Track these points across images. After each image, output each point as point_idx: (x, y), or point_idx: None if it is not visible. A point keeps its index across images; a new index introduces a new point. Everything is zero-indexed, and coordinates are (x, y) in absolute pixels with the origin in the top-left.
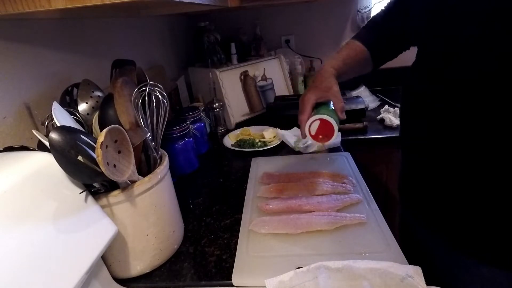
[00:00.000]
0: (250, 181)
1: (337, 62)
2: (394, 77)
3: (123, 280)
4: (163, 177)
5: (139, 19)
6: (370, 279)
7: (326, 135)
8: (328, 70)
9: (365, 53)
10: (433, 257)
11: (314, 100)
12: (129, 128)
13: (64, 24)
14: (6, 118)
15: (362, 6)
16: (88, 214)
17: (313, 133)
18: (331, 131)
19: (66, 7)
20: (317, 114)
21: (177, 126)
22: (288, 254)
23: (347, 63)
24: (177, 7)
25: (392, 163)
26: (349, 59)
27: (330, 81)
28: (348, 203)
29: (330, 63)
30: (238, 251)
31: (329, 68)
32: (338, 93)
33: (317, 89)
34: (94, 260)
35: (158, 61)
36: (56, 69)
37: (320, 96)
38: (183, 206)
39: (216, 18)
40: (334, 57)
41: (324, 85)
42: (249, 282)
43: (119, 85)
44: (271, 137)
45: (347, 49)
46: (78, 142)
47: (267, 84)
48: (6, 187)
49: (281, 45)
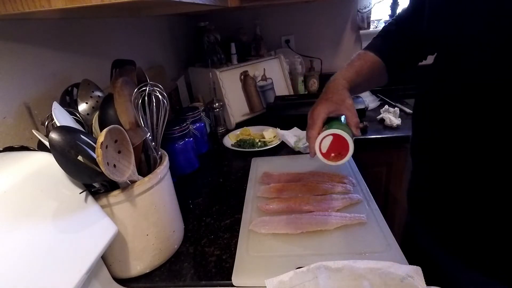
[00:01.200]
0: (250, 181)
1: (349, 74)
2: None
3: (123, 280)
4: (163, 177)
5: (139, 19)
6: (370, 279)
7: (340, 152)
8: (341, 82)
9: (379, 64)
10: (437, 266)
11: (325, 114)
12: (129, 128)
13: (64, 24)
14: (6, 118)
15: (362, 6)
16: (88, 214)
17: (324, 151)
18: (345, 148)
19: (66, 7)
20: (329, 129)
21: (177, 126)
22: (288, 254)
23: (361, 75)
24: (177, 7)
25: (392, 163)
26: (362, 71)
27: (343, 94)
28: (348, 203)
29: (342, 74)
30: (238, 251)
31: (341, 79)
32: (352, 106)
33: (329, 102)
34: (94, 260)
35: (158, 61)
36: (56, 69)
37: (332, 109)
38: (183, 206)
39: (216, 18)
40: (346, 68)
41: (337, 98)
42: (249, 282)
43: (119, 85)
44: (271, 137)
45: (359, 60)
46: (78, 142)
47: (267, 84)
48: (6, 187)
49: (281, 45)
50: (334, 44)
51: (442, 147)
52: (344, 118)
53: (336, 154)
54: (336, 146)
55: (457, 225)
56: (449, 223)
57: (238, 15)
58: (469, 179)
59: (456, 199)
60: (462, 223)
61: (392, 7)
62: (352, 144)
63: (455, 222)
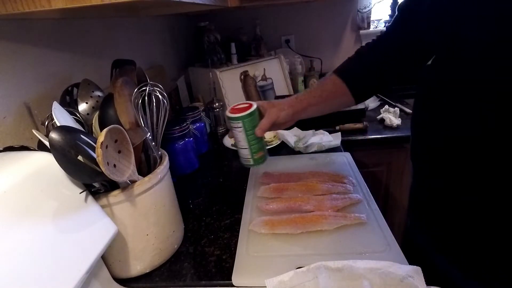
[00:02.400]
0: (250, 180)
1: (298, 105)
2: None
3: (123, 280)
4: (163, 177)
5: (139, 19)
6: (370, 278)
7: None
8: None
9: (340, 91)
10: (436, 267)
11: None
12: (129, 128)
13: (64, 24)
14: (6, 118)
15: (362, 6)
16: (88, 214)
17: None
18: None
19: (66, 7)
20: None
21: (177, 126)
22: (288, 254)
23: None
24: (177, 7)
25: (392, 163)
26: (312, 105)
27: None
28: (348, 203)
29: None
30: (238, 251)
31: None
32: (269, 117)
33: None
34: (94, 260)
35: (158, 61)
36: (56, 69)
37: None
38: (183, 206)
39: (216, 18)
40: (303, 95)
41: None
42: (249, 282)
43: (119, 85)
44: (271, 137)
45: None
46: (78, 142)
47: (267, 84)
48: (6, 187)
49: (281, 45)
50: (334, 44)
51: (443, 151)
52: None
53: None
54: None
55: (457, 233)
56: (449, 231)
57: (238, 15)
58: (470, 185)
59: (456, 206)
60: (462, 232)
61: (392, 7)
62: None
63: (455, 230)
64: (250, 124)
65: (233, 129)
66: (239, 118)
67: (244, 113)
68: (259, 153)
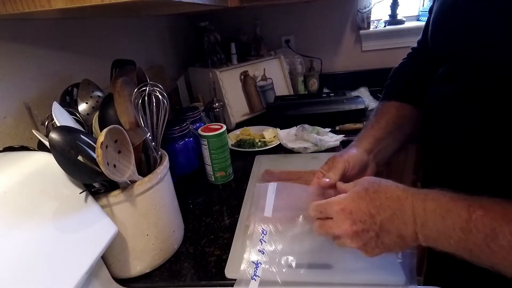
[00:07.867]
0: (252, 178)
1: (366, 143)
2: None
3: (123, 280)
4: (163, 177)
5: (139, 19)
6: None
7: None
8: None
9: (403, 110)
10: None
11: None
12: (129, 128)
13: (64, 24)
14: (6, 118)
15: (362, 6)
16: (88, 214)
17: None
18: None
19: (66, 7)
20: None
21: (177, 126)
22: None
23: (381, 138)
24: (177, 7)
25: (392, 163)
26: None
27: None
28: None
29: (361, 143)
30: (232, 246)
31: (359, 151)
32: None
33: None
34: (94, 260)
35: (158, 61)
36: (56, 69)
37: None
38: (183, 206)
39: (216, 18)
40: (364, 132)
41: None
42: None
43: (119, 85)
44: (271, 137)
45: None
46: (78, 142)
47: (267, 84)
48: (6, 187)
49: (281, 45)
50: (334, 44)
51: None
52: None
53: None
54: None
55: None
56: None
57: (238, 15)
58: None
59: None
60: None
61: (392, 7)
62: None
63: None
64: (214, 144)
65: (201, 145)
66: (205, 137)
67: (210, 133)
68: (220, 173)
